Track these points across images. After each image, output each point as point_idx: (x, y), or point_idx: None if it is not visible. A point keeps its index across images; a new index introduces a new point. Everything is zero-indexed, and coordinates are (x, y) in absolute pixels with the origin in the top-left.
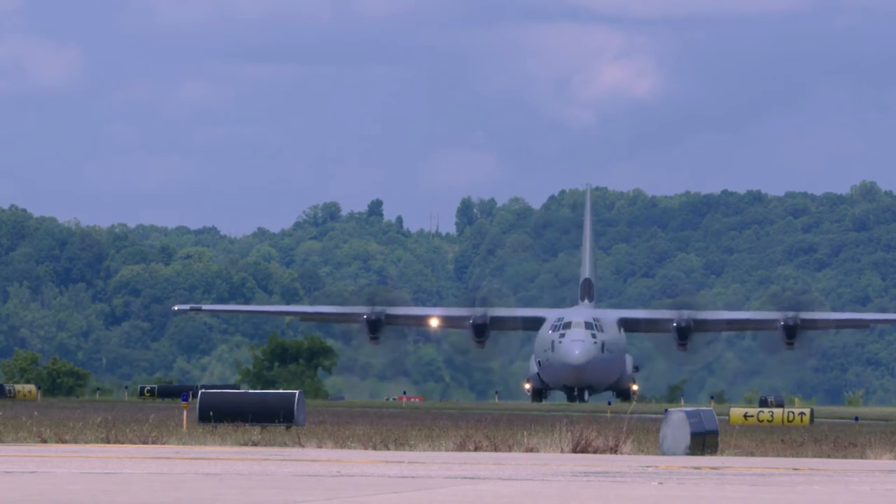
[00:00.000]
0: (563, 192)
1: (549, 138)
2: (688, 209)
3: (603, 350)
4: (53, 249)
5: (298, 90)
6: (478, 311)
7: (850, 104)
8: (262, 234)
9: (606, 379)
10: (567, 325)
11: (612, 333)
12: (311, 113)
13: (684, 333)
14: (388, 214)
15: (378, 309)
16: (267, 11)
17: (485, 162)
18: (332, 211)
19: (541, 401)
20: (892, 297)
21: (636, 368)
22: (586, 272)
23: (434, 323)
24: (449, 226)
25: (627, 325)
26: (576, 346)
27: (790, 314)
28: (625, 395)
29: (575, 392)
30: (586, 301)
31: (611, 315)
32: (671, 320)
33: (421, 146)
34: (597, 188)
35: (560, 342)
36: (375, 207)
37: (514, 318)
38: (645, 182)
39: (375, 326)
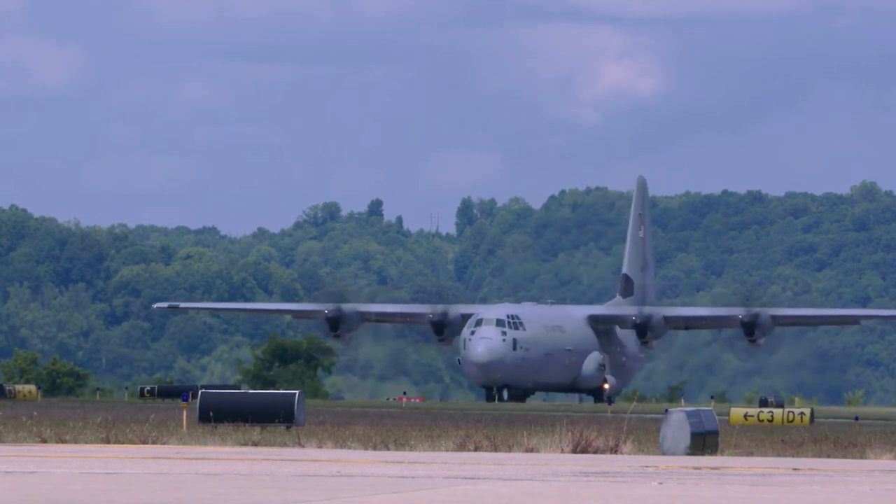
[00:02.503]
0: (563, 192)
1: (549, 138)
2: (688, 209)
3: (516, 348)
4: (53, 249)
5: (298, 90)
6: (438, 308)
7: (850, 104)
8: (262, 234)
9: (528, 378)
10: (479, 323)
11: (536, 331)
12: (311, 113)
13: (643, 330)
14: (388, 214)
15: (334, 306)
16: (267, 11)
17: (485, 162)
18: (332, 211)
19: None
20: (893, 297)
21: (602, 367)
22: (624, 267)
23: (394, 320)
24: (449, 226)
25: (597, 322)
26: (480, 345)
27: (751, 310)
28: (596, 394)
29: (493, 391)
30: (618, 297)
31: (577, 312)
32: (631, 316)
33: (421, 146)
34: (597, 188)
35: (469, 340)
36: (375, 207)
37: (468, 316)
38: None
39: (335, 323)
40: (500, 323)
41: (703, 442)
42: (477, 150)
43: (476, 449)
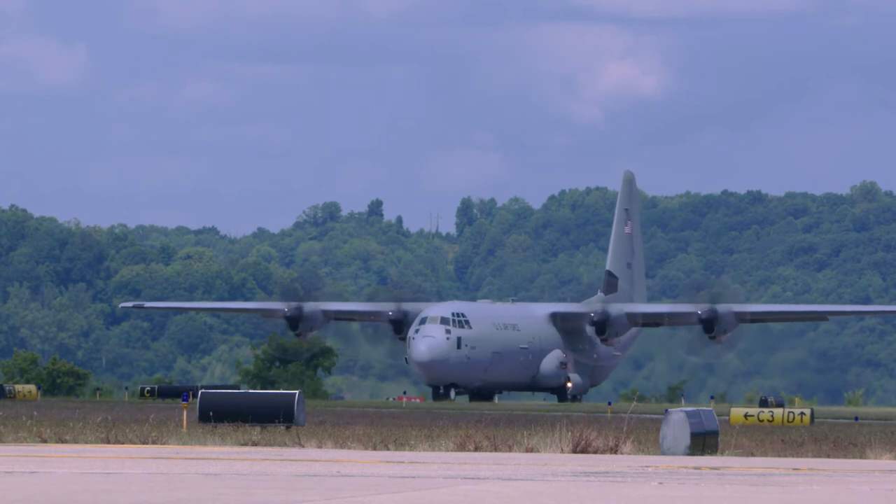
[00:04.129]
0: (563, 192)
1: (549, 138)
2: (688, 209)
3: (461, 346)
4: (53, 249)
5: (298, 90)
6: (398, 306)
7: (850, 104)
8: (262, 234)
9: (476, 376)
10: (423, 321)
11: (484, 329)
12: (311, 113)
13: (601, 327)
14: (388, 214)
15: (293, 304)
16: (268, 11)
17: (485, 162)
18: (332, 211)
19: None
20: (893, 297)
21: (563, 365)
22: (608, 263)
23: (355, 317)
24: (449, 226)
25: (561, 319)
26: (423, 343)
27: (709, 306)
28: (559, 393)
29: (441, 390)
30: (599, 294)
31: (538, 310)
32: (590, 313)
33: (421, 146)
34: (597, 188)
35: (413, 339)
36: (375, 207)
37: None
38: (645, 182)
39: (295, 322)
40: (444, 321)
41: (703, 442)
42: (477, 150)
43: (476, 449)
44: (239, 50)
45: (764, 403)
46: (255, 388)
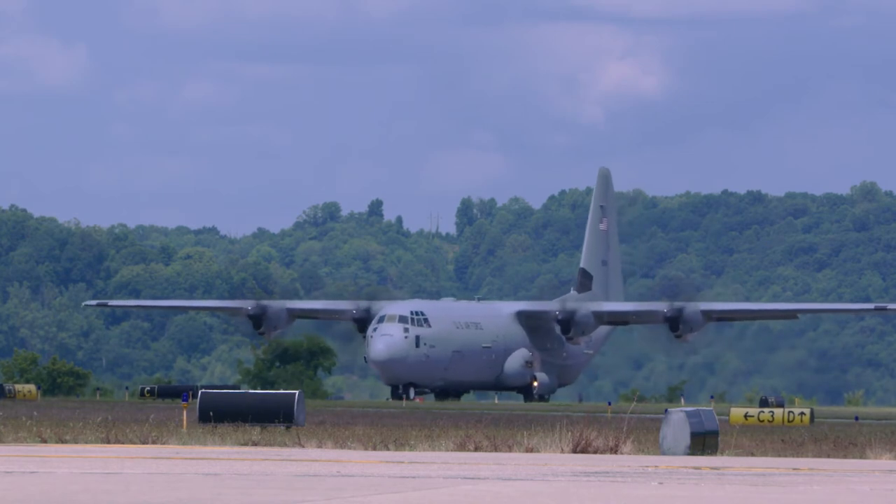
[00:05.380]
0: (563, 192)
1: (549, 138)
2: (688, 209)
3: (419, 345)
4: (53, 249)
5: (298, 90)
6: (361, 305)
7: (850, 104)
8: (262, 234)
9: (435, 376)
10: (381, 320)
11: (444, 327)
12: (311, 113)
13: (566, 326)
14: (388, 214)
15: (256, 303)
16: (268, 11)
17: (485, 162)
18: (332, 211)
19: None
20: (893, 297)
21: (528, 364)
22: (582, 261)
23: (319, 316)
24: (449, 226)
25: (526, 317)
26: (380, 342)
27: (674, 304)
28: (525, 393)
29: (400, 390)
30: (573, 291)
31: (504, 308)
32: (554, 312)
33: (421, 146)
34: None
35: (371, 337)
36: (375, 207)
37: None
38: (645, 182)
39: (258, 320)
40: (402, 319)
41: (703, 442)
42: (477, 150)
43: (476, 449)
44: (239, 50)
45: (764, 403)
46: (255, 388)
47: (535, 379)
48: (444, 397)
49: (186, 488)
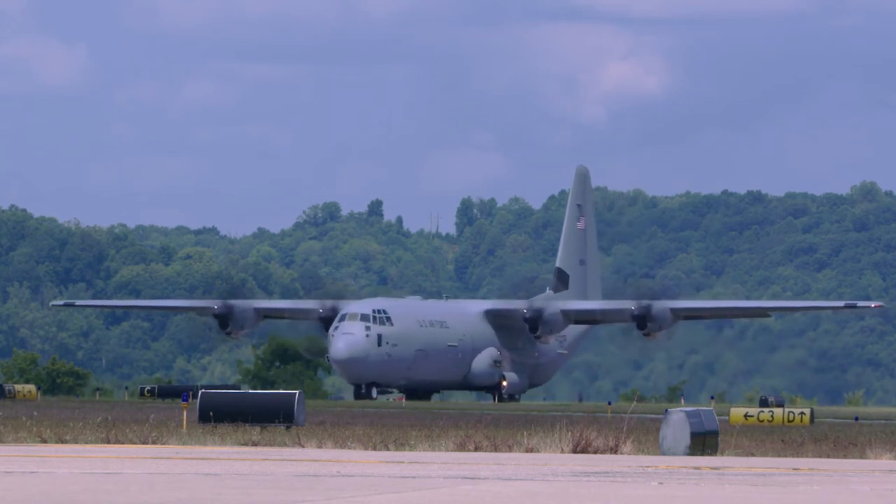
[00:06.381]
0: (563, 192)
1: (549, 138)
2: (688, 209)
3: (381, 343)
4: (53, 249)
5: (298, 90)
6: (326, 304)
7: (850, 104)
8: (262, 234)
9: (398, 375)
10: (343, 318)
11: (407, 326)
12: (311, 113)
13: (534, 325)
14: (388, 214)
15: (222, 302)
16: (268, 11)
17: (485, 162)
18: (332, 211)
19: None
20: (893, 297)
21: (497, 363)
22: (558, 260)
23: (286, 315)
24: (449, 226)
25: (495, 316)
26: (341, 340)
27: (641, 302)
28: (494, 392)
29: (362, 389)
30: (548, 291)
31: (472, 307)
32: (522, 310)
33: (421, 146)
34: (597, 188)
35: (333, 336)
36: (375, 207)
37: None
38: (645, 182)
39: (225, 320)
40: (364, 318)
41: (703, 442)
42: (477, 150)
43: (476, 449)
44: (239, 50)
45: (764, 403)
46: (255, 388)
47: (505, 379)
48: (412, 397)
49: (186, 488)
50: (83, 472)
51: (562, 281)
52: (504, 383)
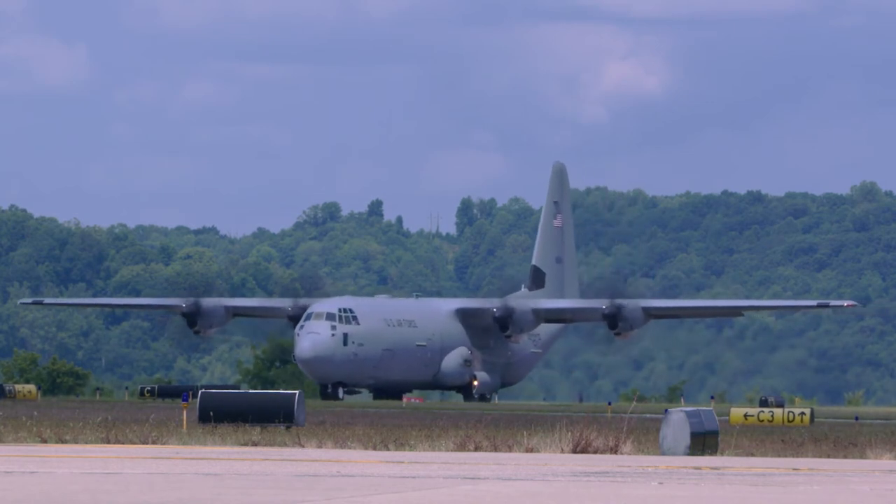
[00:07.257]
0: None
1: (549, 138)
2: (688, 209)
3: (347, 343)
4: (53, 249)
5: (298, 90)
6: (298, 303)
7: (850, 104)
8: (262, 234)
9: (365, 374)
10: (308, 317)
11: (374, 325)
12: (311, 113)
13: (504, 324)
14: (389, 214)
15: (191, 300)
16: (268, 11)
17: (485, 162)
18: (332, 211)
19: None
20: (893, 297)
21: (467, 362)
22: (534, 258)
23: (256, 313)
24: (449, 226)
25: (465, 315)
26: (306, 340)
27: (613, 301)
28: (465, 392)
29: (329, 389)
30: (523, 289)
31: (443, 305)
32: (491, 309)
33: (421, 146)
34: (597, 188)
35: (299, 335)
36: (375, 207)
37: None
38: (645, 182)
39: (193, 318)
40: (330, 317)
41: (703, 442)
42: (477, 150)
43: (476, 449)
44: (239, 50)
45: (764, 403)
46: (255, 388)
47: (475, 378)
48: (380, 396)
49: (186, 488)
50: (83, 472)
51: (537, 279)
52: (475, 383)
